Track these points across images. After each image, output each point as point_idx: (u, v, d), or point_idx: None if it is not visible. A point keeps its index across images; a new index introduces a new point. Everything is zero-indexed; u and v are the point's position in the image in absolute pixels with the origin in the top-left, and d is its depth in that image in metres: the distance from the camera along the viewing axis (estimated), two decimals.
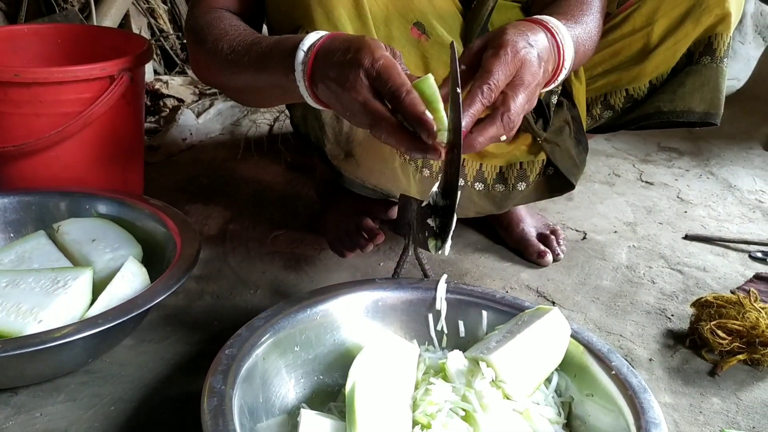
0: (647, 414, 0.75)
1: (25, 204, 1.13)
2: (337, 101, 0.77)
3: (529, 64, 0.78)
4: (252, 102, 1.08)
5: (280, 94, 0.89)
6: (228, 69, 0.90)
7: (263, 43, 0.86)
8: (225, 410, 0.71)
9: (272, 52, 0.83)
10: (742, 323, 1.02)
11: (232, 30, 0.92)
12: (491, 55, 0.77)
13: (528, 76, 0.78)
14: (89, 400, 0.89)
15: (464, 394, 0.80)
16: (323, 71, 0.77)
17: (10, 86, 1.16)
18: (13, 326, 0.85)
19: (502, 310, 0.94)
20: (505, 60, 0.76)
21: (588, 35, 0.96)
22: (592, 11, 1.00)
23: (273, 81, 0.84)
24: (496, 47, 0.77)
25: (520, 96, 0.77)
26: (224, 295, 1.14)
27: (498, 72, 0.76)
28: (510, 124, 0.77)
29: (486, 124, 0.77)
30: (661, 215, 1.52)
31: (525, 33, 0.80)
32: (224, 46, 0.90)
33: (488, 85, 0.75)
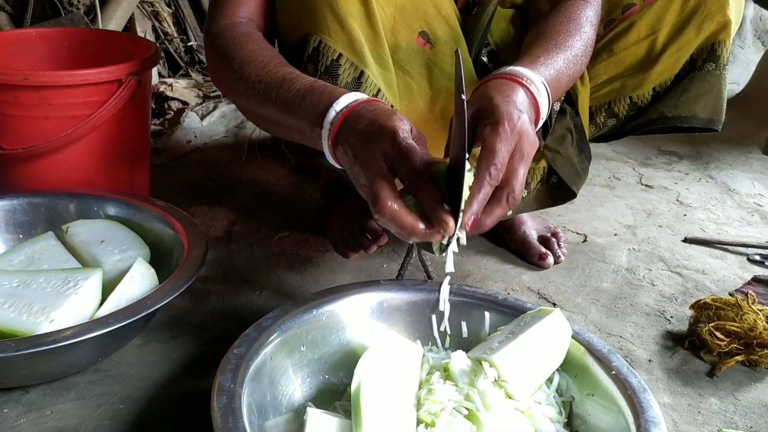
0: (646, 413, 0.76)
1: (34, 205, 1.14)
2: (350, 169, 0.78)
3: (526, 135, 0.78)
4: (267, 129, 1.08)
5: (299, 137, 0.89)
6: (252, 98, 0.90)
7: (295, 84, 0.85)
8: (234, 408, 0.72)
9: (305, 101, 0.82)
10: (740, 325, 1.04)
11: (260, 55, 0.91)
12: (490, 132, 0.77)
13: (527, 148, 0.79)
14: (99, 399, 0.91)
15: (467, 393, 0.81)
16: (346, 136, 0.78)
17: (19, 89, 1.17)
18: (26, 325, 0.86)
19: (504, 311, 0.95)
20: (506, 136, 0.76)
21: (573, 61, 0.97)
22: (580, 28, 1.01)
23: (298, 126, 0.84)
24: (493, 123, 0.77)
25: (521, 171, 0.78)
26: (230, 296, 1.16)
27: (501, 150, 0.76)
28: (514, 202, 0.78)
29: (492, 206, 0.77)
30: (661, 218, 1.54)
31: (512, 99, 0.81)
32: (251, 73, 0.89)
33: (495, 165, 0.75)
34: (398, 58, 1.01)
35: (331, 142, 0.80)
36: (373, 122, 0.76)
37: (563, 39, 0.98)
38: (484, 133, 0.78)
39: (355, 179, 0.79)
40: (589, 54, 1.04)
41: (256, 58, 0.91)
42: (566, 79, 0.98)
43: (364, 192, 0.78)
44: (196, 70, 2.23)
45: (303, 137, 0.86)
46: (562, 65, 0.95)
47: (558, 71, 0.94)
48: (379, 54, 0.97)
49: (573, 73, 1.00)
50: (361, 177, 0.76)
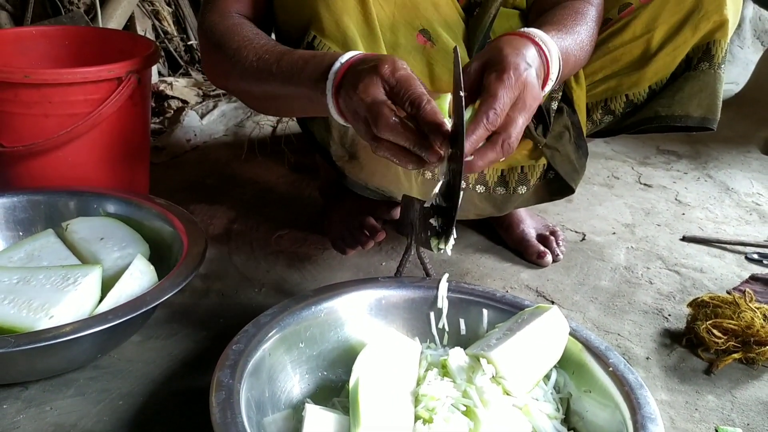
0: (643, 409, 0.77)
1: (34, 203, 1.15)
2: (348, 107, 0.80)
3: (531, 87, 0.79)
4: (270, 110, 1.09)
5: (303, 104, 0.91)
6: (253, 76, 0.92)
7: (296, 54, 0.88)
8: (233, 403, 0.73)
9: (308, 65, 0.85)
10: (738, 323, 1.04)
11: (256, 38, 0.94)
12: (495, 79, 0.78)
13: (530, 100, 0.80)
14: (98, 395, 0.91)
15: (465, 389, 0.81)
16: (347, 79, 0.80)
17: (20, 87, 1.18)
18: (25, 321, 0.87)
19: (502, 308, 0.96)
20: (509, 84, 0.77)
21: (579, 45, 0.98)
22: (586, 21, 1.02)
23: (301, 91, 0.86)
24: (499, 70, 0.78)
25: (520, 120, 0.79)
26: (229, 294, 1.16)
27: (503, 96, 0.77)
28: (509, 149, 0.79)
29: (486, 149, 0.78)
30: (659, 217, 1.54)
31: (522, 52, 0.82)
32: (249, 54, 0.92)
33: (494, 110, 0.76)
34: (398, 55, 1.01)
35: (335, 90, 0.81)
36: (373, 59, 0.78)
37: (571, 25, 1.00)
38: (489, 79, 0.79)
39: (354, 114, 0.80)
40: (592, 46, 1.05)
41: (252, 41, 0.93)
42: (573, 59, 0.98)
43: (362, 122, 0.79)
44: (196, 69, 2.23)
45: (305, 103, 0.88)
46: (570, 44, 0.97)
47: (567, 48, 0.95)
48: (374, 52, 0.98)
49: (579, 56, 1.00)
50: (361, 106, 0.77)
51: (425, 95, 0.75)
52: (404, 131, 0.76)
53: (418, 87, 0.76)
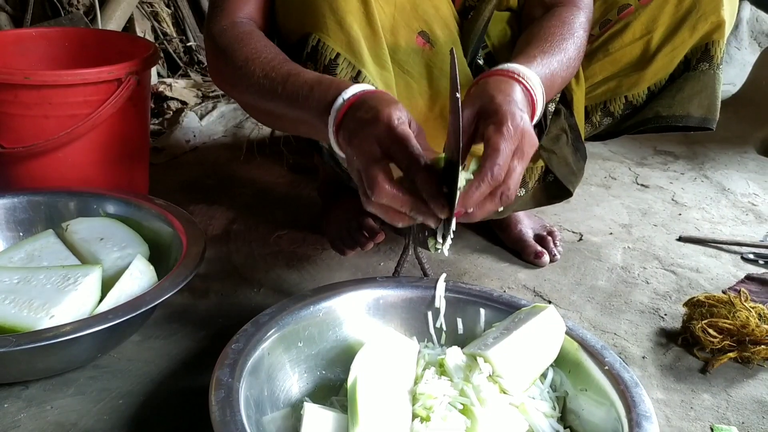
0: (638, 407, 0.78)
1: (34, 204, 1.15)
2: (347, 155, 0.80)
3: (528, 136, 0.80)
4: (273, 126, 1.09)
5: (305, 129, 0.91)
6: (258, 93, 0.92)
7: (302, 77, 0.87)
8: (232, 402, 0.73)
9: (313, 92, 0.84)
10: (733, 322, 1.05)
11: (264, 52, 0.93)
12: (494, 132, 0.78)
13: (527, 148, 0.80)
14: (98, 394, 0.92)
15: (462, 388, 0.82)
16: (347, 121, 0.80)
17: (20, 88, 1.19)
18: (26, 321, 0.87)
19: (499, 308, 0.97)
20: (509, 135, 0.78)
21: (566, 63, 0.99)
22: (573, 32, 1.02)
23: (305, 117, 0.86)
24: (497, 123, 0.78)
25: (519, 170, 0.79)
26: (228, 294, 1.17)
27: (505, 150, 0.77)
28: (507, 201, 0.80)
29: (486, 202, 0.79)
30: (656, 217, 1.55)
31: (513, 98, 0.82)
32: (256, 69, 0.91)
33: (498, 165, 0.76)
34: (398, 57, 1.02)
35: (335, 129, 0.82)
36: (372, 108, 0.78)
37: (558, 42, 1.00)
38: (488, 132, 0.79)
39: (350, 165, 0.80)
40: (581, 57, 1.06)
41: (260, 55, 0.93)
42: (560, 80, 1.00)
43: (357, 177, 0.79)
44: (195, 70, 2.24)
45: (309, 128, 0.88)
46: (556, 66, 0.97)
47: (553, 72, 0.96)
48: (377, 53, 0.98)
49: (566, 75, 1.01)
50: (356, 161, 0.78)
51: (421, 158, 0.75)
52: (398, 198, 0.76)
53: (413, 148, 0.75)
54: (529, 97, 0.87)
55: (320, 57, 0.96)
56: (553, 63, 0.96)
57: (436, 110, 1.08)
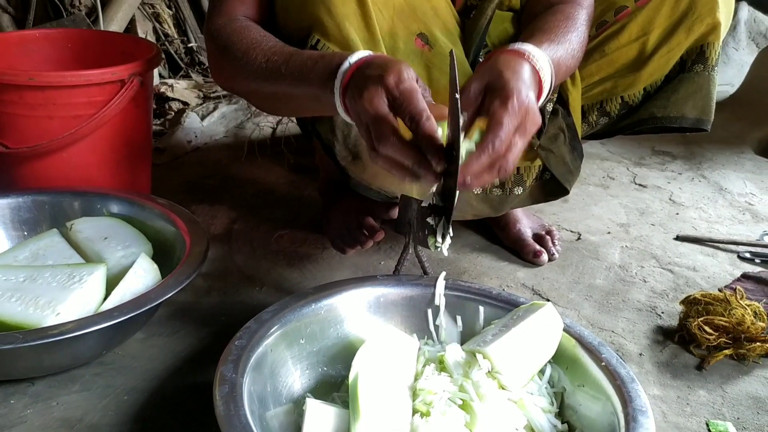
0: (634, 402, 0.79)
1: (38, 203, 1.16)
2: (354, 112, 0.82)
3: (532, 113, 0.82)
4: (278, 110, 1.11)
5: (311, 103, 0.92)
6: (261, 77, 0.94)
7: (304, 54, 0.90)
8: (236, 397, 0.75)
9: (317, 64, 0.87)
10: (729, 320, 1.06)
11: (264, 40, 0.96)
12: (499, 106, 0.80)
13: (530, 125, 0.82)
14: (103, 390, 0.93)
15: (462, 384, 0.84)
16: (356, 80, 0.82)
17: (24, 89, 1.20)
18: (32, 318, 0.89)
19: (498, 305, 0.98)
20: (513, 111, 0.80)
21: (570, 53, 1.01)
22: (577, 27, 1.04)
23: (310, 90, 0.88)
24: (503, 97, 0.80)
25: (519, 145, 0.81)
26: (230, 292, 1.19)
27: (508, 124, 0.79)
28: (505, 173, 0.82)
29: (484, 174, 0.81)
30: (654, 217, 1.56)
31: (521, 75, 0.84)
32: (257, 55, 0.94)
33: (499, 138, 0.78)
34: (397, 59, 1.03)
35: (342, 90, 0.83)
36: (380, 66, 0.80)
37: (563, 33, 1.02)
38: (494, 105, 0.81)
39: (358, 121, 0.82)
40: (583, 51, 1.07)
41: (260, 43, 0.95)
42: (564, 68, 1.01)
43: (365, 131, 0.81)
44: (196, 71, 2.26)
45: (314, 101, 0.90)
46: (562, 54, 0.99)
47: (559, 58, 0.97)
48: None
49: (570, 64, 1.03)
50: (364, 116, 0.80)
51: (425, 111, 0.77)
52: (402, 149, 0.78)
53: (419, 102, 0.77)
54: (537, 76, 0.89)
55: None
56: (559, 50, 0.98)
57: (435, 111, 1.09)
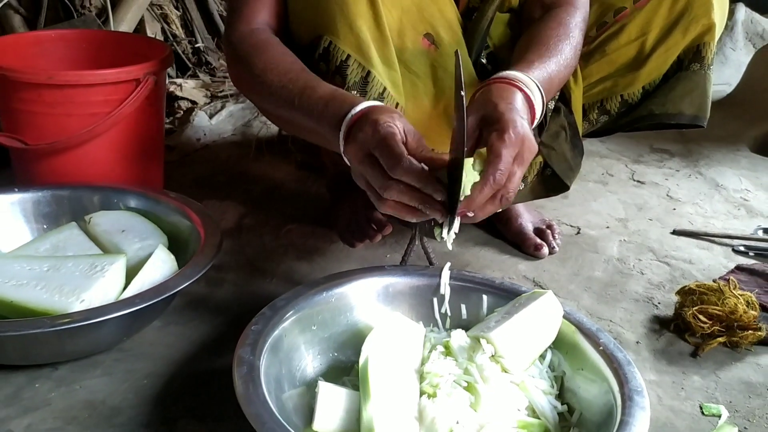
0: (631, 383, 0.83)
1: (58, 198, 1.21)
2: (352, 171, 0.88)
3: (528, 142, 0.86)
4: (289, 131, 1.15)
5: (320, 140, 0.97)
6: (275, 102, 0.99)
7: (317, 92, 0.93)
8: (254, 377, 0.79)
9: (327, 108, 0.91)
10: (722, 308, 1.10)
11: (281, 62, 0.99)
12: (497, 138, 0.84)
13: (527, 154, 0.87)
14: (123, 375, 0.98)
15: (466, 367, 0.88)
16: (351, 135, 0.86)
17: (43, 88, 1.24)
18: (58, 305, 0.93)
19: (500, 294, 1.02)
20: (510, 142, 0.84)
21: (564, 64, 1.06)
22: (569, 33, 1.09)
23: (320, 130, 0.92)
24: (500, 130, 0.85)
25: (518, 174, 0.86)
26: (242, 284, 1.23)
27: (507, 156, 0.84)
28: (507, 202, 0.87)
29: (487, 204, 0.86)
30: (651, 212, 1.61)
31: (515, 106, 0.89)
32: (274, 79, 0.97)
33: (500, 170, 0.83)
34: (404, 58, 1.08)
35: (344, 142, 0.88)
36: (368, 119, 0.85)
37: (554, 44, 1.06)
38: (491, 138, 0.85)
39: (354, 174, 0.88)
40: (577, 57, 1.12)
41: (278, 65, 0.99)
42: (557, 81, 1.07)
43: (364, 184, 0.86)
44: (203, 71, 2.30)
45: (323, 139, 0.95)
46: (554, 69, 1.03)
47: (550, 74, 1.02)
48: (385, 55, 1.04)
49: (563, 76, 1.08)
50: (356, 168, 0.85)
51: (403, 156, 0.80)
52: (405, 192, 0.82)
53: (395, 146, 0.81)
54: (529, 103, 0.95)
55: (332, 58, 1.02)
56: (550, 66, 1.03)
57: (440, 108, 1.14)
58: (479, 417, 0.82)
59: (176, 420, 0.90)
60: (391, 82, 1.05)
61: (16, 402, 0.91)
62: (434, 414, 0.81)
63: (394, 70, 1.06)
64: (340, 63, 1.01)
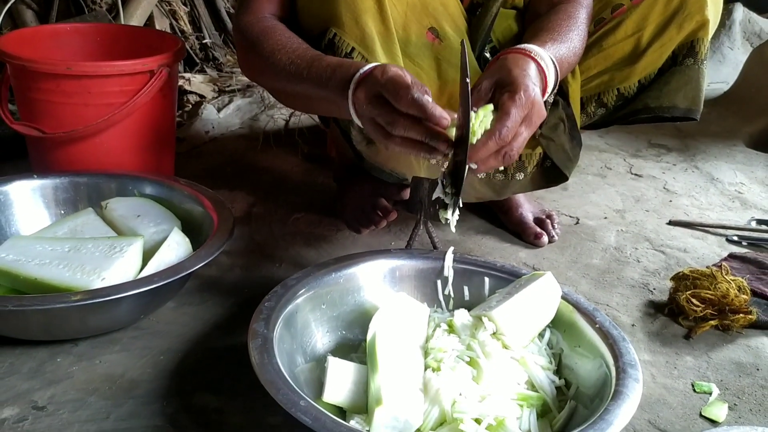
0: (624, 357, 0.88)
1: (76, 184, 1.25)
2: (360, 113, 0.92)
3: (538, 106, 0.91)
4: (299, 107, 1.20)
5: (329, 106, 1.01)
6: (285, 79, 1.03)
7: (324, 62, 0.99)
8: (268, 348, 0.84)
9: (334, 73, 0.96)
10: (714, 293, 1.15)
11: (288, 42, 1.05)
12: (508, 98, 0.89)
13: (535, 117, 0.91)
14: (141, 351, 1.02)
15: (469, 344, 0.92)
16: (361, 85, 0.91)
17: (62, 78, 1.29)
18: (80, 282, 0.98)
19: (501, 276, 1.07)
20: (521, 103, 0.89)
21: (572, 51, 1.10)
22: (578, 25, 1.14)
23: (328, 95, 0.97)
24: (511, 91, 0.90)
25: (524, 135, 0.91)
26: (252, 268, 1.27)
27: (515, 114, 0.88)
28: (510, 160, 0.91)
29: (489, 158, 0.90)
30: (648, 204, 1.65)
31: (528, 73, 0.93)
32: (282, 57, 1.02)
33: (507, 127, 0.88)
34: (409, 51, 1.13)
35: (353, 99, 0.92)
36: (378, 69, 0.89)
37: (565, 32, 1.11)
38: (503, 98, 0.90)
39: (362, 118, 0.92)
40: (583, 47, 1.17)
41: (285, 45, 1.04)
42: (566, 65, 1.11)
43: (372, 125, 0.90)
44: (210, 66, 2.34)
45: (331, 105, 0.99)
46: (564, 52, 1.08)
47: (561, 56, 1.07)
48: (389, 48, 1.09)
49: (572, 61, 1.13)
50: (366, 110, 0.89)
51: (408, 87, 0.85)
52: (411, 126, 0.86)
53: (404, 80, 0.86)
54: (542, 74, 0.99)
55: (337, 50, 1.07)
56: (561, 49, 1.08)
57: (444, 100, 1.18)
58: (481, 389, 0.87)
59: (192, 393, 0.95)
60: None
61: (39, 375, 0.96)
62: (438, 386, 0.85)
63: (397, 63, 1.10)
64: (345, 55, 1.06)
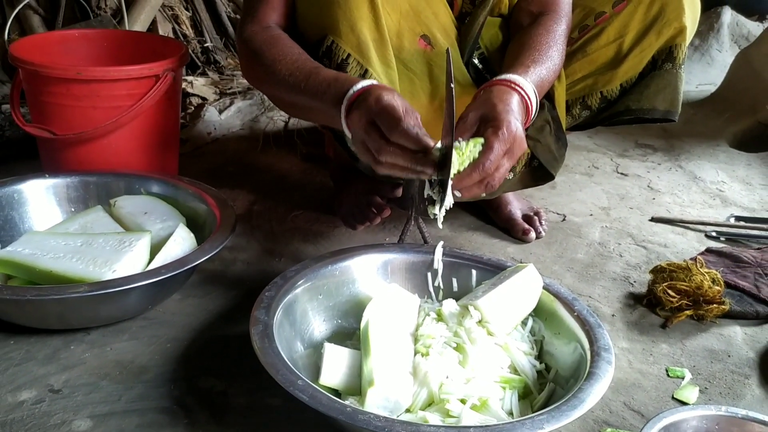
0: (599, 342, 0.95)
1: (85, 183, 1.32)
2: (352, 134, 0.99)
3: (519, 140, 0.98)
4: (297, 116, 1.26)
5: (323, 118, 1.08)
6: (284, 89, 1.10)
7: (321, 76, 1.05)
8: (269, 334, 0.90)
9: (330, 88, 1.02)
10: (689, 284, 1.21)
11: (290, 53, 1.11)
12: (492, 133, 0.97)
13: (517, 150, 0.99)
14: (149, 339, 1.09)
15: (456, 331, 0.99)
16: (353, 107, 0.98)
17: (72, 82, 1.36)
18: (93, 274, 1.04)
19: (487, 269, 1.14)
20: (503, 138, 0.96)
21: (552, 69, 1.18)
22: (556, 40, 1.21)
23: (323, 108, 1.04)
24: (495, 126, 0.97)
25: (506, 166, 0.98)
26: (253, 262, 1.34)
27: (498, 149, 0.96)
28: (491, 189, 0.99)
29: (473, 187, 0.98)
30: (632, 201, 1.72)
31: (511, 108, 1.00)
32: (282, 69, 1.09)
33: (489, 160, 0.95)
34: (402, 57, 1.19)
35: (346, 114, 0.99)
36: (370, 94, 0.96)
37: (545, 50, 1.18)
38: (488, 133, 0.98)
39: (354, 140, 0.99)
40: (563, 61, 1.25)
41: (286, 56, 1.10)
42: (547, 84, 1.19)
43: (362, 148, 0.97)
44: (212, 69, 2.41)
45: (326, 117, 1.06)
46: (545, 73, 1.16)
47: (542, 78, 1.15)
48: (383, 54, 1.16)
49: (552, 79, 1.21)
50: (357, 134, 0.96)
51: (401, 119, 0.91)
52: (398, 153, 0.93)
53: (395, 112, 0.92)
54: (525, 104, 1.07)
55: (334, 56, 1.13)
56: (543, 71, 1.15)
57: (436, 103, 1.25)
58: (466, 373, 0.94)
59: (197, 377, 1.01)
60: (387, 80, 1.16)
61: (54, 361, 1.03)
62: (427, 369, 0.92)
63: (391, 69, 1.17)
64: (341, 61, 1.12)
